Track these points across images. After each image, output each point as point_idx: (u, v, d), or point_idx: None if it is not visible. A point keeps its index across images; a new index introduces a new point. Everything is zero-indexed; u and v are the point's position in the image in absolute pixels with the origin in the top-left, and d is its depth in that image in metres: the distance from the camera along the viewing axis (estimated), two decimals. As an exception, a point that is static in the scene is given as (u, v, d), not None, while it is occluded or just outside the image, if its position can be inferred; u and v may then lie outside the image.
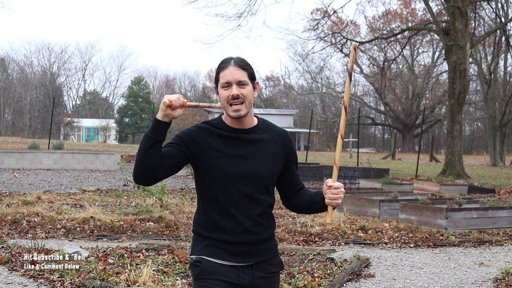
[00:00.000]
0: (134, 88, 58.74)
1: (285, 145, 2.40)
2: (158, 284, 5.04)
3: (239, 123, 2.32)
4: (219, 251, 2.29)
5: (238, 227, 2.28)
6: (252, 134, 2.33)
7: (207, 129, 2.31)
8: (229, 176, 2.26)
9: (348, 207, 10.51)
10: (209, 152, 2.27)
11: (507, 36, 26.57)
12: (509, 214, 9.21)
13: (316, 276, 5.55)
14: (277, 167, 2.36)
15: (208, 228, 2.31)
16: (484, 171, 26.60)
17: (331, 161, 28.92)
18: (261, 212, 2.32)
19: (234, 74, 2.27)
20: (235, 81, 2.27)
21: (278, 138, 2.39)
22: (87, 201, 10.44)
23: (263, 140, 2.35)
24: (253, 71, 2.34)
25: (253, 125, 2.36)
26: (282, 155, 2.38)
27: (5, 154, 18.50)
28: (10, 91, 59.71)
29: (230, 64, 2.29)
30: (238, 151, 2.29)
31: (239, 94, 2.25)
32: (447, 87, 22.80)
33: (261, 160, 2.32)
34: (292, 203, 2.50)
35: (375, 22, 51.12)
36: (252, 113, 2.34)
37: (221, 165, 2.26)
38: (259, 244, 2.33)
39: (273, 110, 57.82)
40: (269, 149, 2.34)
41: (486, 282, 5.73)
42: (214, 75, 2.36)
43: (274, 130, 2.40)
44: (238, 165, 2.27)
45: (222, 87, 2.28)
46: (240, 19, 23.56)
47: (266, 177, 2.32)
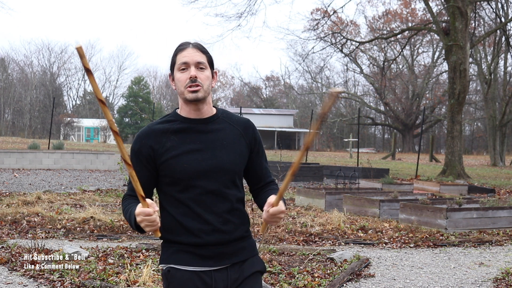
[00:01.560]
0: (134, 88, 58.74)
1: (247, 133, 2.20)
2: (158, 284, 5.04)
3: (196, 113, 2.13)
4: (188, 256, 2.10)
5: (206, 227, 2.09)
6: (210, 124, 2.15)
7: (159, 131, 2.12)
8: (190, 173, 2.07)
9: (348, 207, 10.52)
10: (165, 155, 2.09)
11: (507, 36, 26.57)
12: (509, 214, 9.20)
13: (316, 276, 5.55)
14: (241, 157, 2.16)
15: (174, 231, 2.11)
16: (484, 171, 26.61)
17: (331, 161, 28.91)
18: (230, 208, 2.13)
19: (193, 55, 2.10)
20: (193, 62, 2.09)
21: (239, 126, 2.20)
22: (87, 201, 10.45)
23: (222, 129, 2.16)
24: (212, 58, 2.17)
25: (211, 115, 2.17)
26: (246, 144, 2.19)
27: (5, 154, 18.50)
28: (10, 91, 59.70)
29: (189, 46, 2.13)
30: (196, 144, 2.11)
31: (197, 76, 2.08)
32: (447, 87, 22.80)
33: (223, 151, 2.12)
34: (256, 200, 2.32)
35: (375, 22, 51.16)
36: (210, 102, 2.17)
37: (178, 163, 2.07)
38: (231, 244, 2.13)
39: (273, 110, 57.86)
40: (230, 139, 2.15)
41: (486, 282, 5.73)
42: (170, 61, 2.17)
43: (235, 119, 2.21)
44: (198, 160, 2.09)
45: (179, 70, 2.10)
46: (240, 19, 23.59)
47: (231, 169, 2.12)
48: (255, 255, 2.24)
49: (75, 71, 68.94)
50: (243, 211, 2.21)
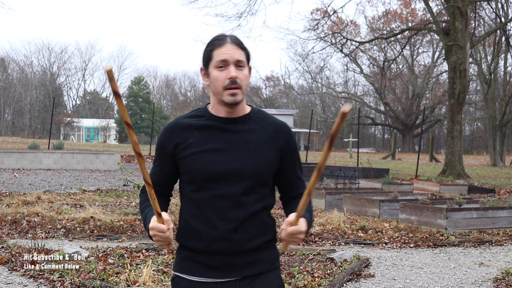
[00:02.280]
0: (134, 88, 58.74)
1: (279, 139, 2.00)
2: (158, 284, 5.04)
3: (228, 112, 1.97)
4: (194, 265, 1.96)
5: (214, 233, 1.93)
6: (238, 124, 1.97)
7: (184, 125, 1.99)
8: (206, 174, 1.93)
9: (348, 207, 10.51)
10: (185, 150, 1.96)
11: (507, 36, 26.57)
12: (509, 214, 9.20)
13: (316, 276, 5.54)
14: (267, 164, 1.97)
15: (185, 235, 2.00)
16: (484, 171, 26.61)
17: (331, 161, 28.92)
18: (247, 216, 1.94)
19: (232, 53, 1.91)
20: (233, 61, 1.91)
21: (271, 130, 2.00)
22: (87, 201, 10.44)
23: (251, 131, 1.97)
24: (250, 52, 1.99)
25: (244, 114, 2.00)
26: (275, 150, 1.99)
27: (5, 154, 18.49)
28: (10, 91, 59.70)
29: (227, 41, 1.94)
30: (219, 144, 1.94)
31: (237, 77, 1.91)
32: (447, 87, 22.80)
33: (246, 154, 1.94)
34: (285, 211, 2.15)
35: (375, 22, 51.16)
36: (244, 101, 2.00)
37: (196, 162, 1.94)
38: (243, 255, 1.95)
39: (273, 110, 57.83)
40: (257, 142, 1.96)
41: (486, 282, 5.73)
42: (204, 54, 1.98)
43: (269, 122, 2.02)
44: (218, 161, 1.93)
45: (217, 67, 1.92)
46: (240, 19, 23.59)
47: (252, 174, 1.94)
48: (273, 269, 2.03)
49: (75, 71, 69.04)
50: (264, 221, 2.00)
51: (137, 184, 9.63)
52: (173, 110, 67.09)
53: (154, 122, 25.13)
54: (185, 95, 75.08)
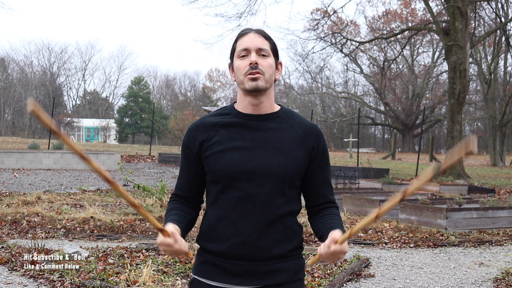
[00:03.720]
0: (134, 88, 58.72)
1: (309, 139, 1.91)
2: (158, 284, 5.04)
3: (253, 107, 1.89)
4: (214, 269, 1.88)
5: (237, 236, 1.84)
6: (266, 122, 1.89)
7: (209, 124, 1.92)
8: (231, 172, 1.84)
9: (348, 207, 10.51)
10: (210, 149, 1.88)
11: (507, 36, 26.57)
12: (509, 214, 9.20)
13: (316, 276, 5.55)
14: (296, 164, 1.87)
15: (207, 236, 1.92)
16: (484, 171, 26.61)
17: (331, 161, 28.87)
18: (273, 220, 1.84)
19: (254, 40, 1.87)
20: (255, 48, 1.87)
21: (300, 130, 1.91)
22: (87, 201, 10.45)
23: (280, 129, 1.89)
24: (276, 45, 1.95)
25: (271, 112, 1.92)
26: (305, 151, 1.89)
27: (5, 154, 18.50)
28: (10, 91, 59.71)
29: (251, 32, 1.91)
30: (245, 142, 1.86)
31: (258, 63, 1.85)
32: (447, 87, 22.79)
33: (274, 154, 1.85)
34: (311, 221, 2.02)
35: (375, 22, 51.14)
36: (272, 97, 1.92)
37: (221, 160, 1.86)
38: (265, 262, 1.85)
39: (273, 110, 57.79)
40: (286, 142, 1.87)
41: (486, 282, 5.73)
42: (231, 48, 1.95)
43: (299, 121, 1.93)
44: (243, 159, 1.84)
45: (239, 57, 1.88)
46: (240, 19, 23.57)
47: (280, 174, 1.84)
48: (297, 280, 1.92)
49: (75, 71, 69.04)
50: (291, 227, 1.91)
51: (137, 184, 9.63)
52: (173, 110, 67.10)
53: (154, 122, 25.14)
54: (185, 95, 75.08)
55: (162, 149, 31.24)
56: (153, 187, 9.75)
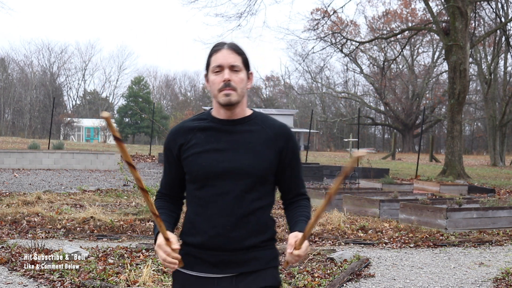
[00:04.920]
0: (134, 88, 58.72)
1: (279, 140, 2.09)
2: (158, 284, 5.04)
3: (228, 114, 2.09)
4: (194, 260, 2.06)
5: (213, 230, 2.03)
6: (239, 125, 2.09)
7: (187, 128, 2.12)
8: (206, 172, 2.03)
9: (348, 207, 10.51)
10: (188, 151, 2.08)
11: (507, 36, 26.57)
12: (509, 214, 9.20)
13: (316, 276, 5.55)
14: (266, 163, 2.06)
15: (187, 231, 2.11)
16: (484, 171, 26.60)
17: (331, 161, 28.92)
18: (246, 214, 2.03)
19: (227, 57, 2.05)
20: (227, 65, 2.05)
21: (271, 131, 2.10)
22: (87, 201, 10.44)
23: (251, 132, 2.08)
24: (248, 58, 2.12)
25: (244, 116, 2.11)
26: (274, 151, 2.08)
27: (5, 154, 18.50)
28: (10, 91, 59.70)
29: (224, 48, 2.08)
30: (220, 144, 2.06)
31: (231, 80, 2.04)
32: (447, 87, 22.80)
33: (246, 153, 2.04)
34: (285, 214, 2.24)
35: (375, 22, 51.17)
36: (244, 104, 2.12)
37: (197, 161, 2.05)
38: (240, 252, 2.03)
39: (273, 110, 57.79)
40: (254, 142, 2.07)
41: (486, 282, 5.73)
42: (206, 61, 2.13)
43: (269, 123, 2.12)
44: (218, 160, 2.04)
45: (213, 72, 2.07)
46: (240, 19, 23.58)
47: (252, 172, 2.03)
48: (270, 267, 2.10)
49: (75, 71, 69.04)
50: (264, 220, 2.09)
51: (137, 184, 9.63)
52: (173, 110, 67.10)
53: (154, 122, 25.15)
54: (185, 95, 75.07)
55: (162, 149, 31.21)
56: (153, 187, 9.74)
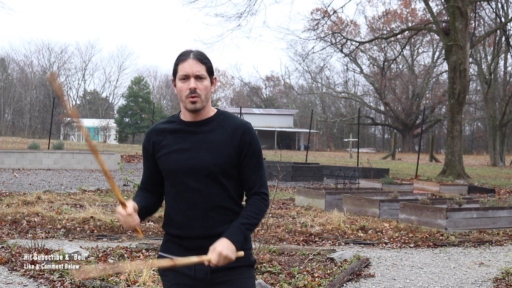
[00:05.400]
0: (134, 88, 58.72)
1: (236, 136, 2.29)
2: (158, 284, 5.04)
3: (193, 117, 2.32)
4: (173, 246, 2.36)
5: (187, 222, 2.30)
6: (202, 126, 2.32)
7: (159, 129, 2.38)
8: (175, 170, 2.29)
9: (348, 207, 10.51)
10: (160, 151, 2.34)
11: (507, 36, 26.58)
12: (509, 214, 9.20)
13: (316, 276, 5.55)
14: (225, 158, 2.27)
15: (166, 222, 2.39)
16: (484, 171, 26.60)
17: (331, 161, 28.91)
18: (214, 206, 2.28)
19: (192, 67, 2.26)
20: (193, 74, 2.27)
21: (230, 129, 2.31)
22: (87, 201, 10.44)
23: (212, 131, 2.31)
24: (212, 65, 2.33)
25: (207, 117, 2.34)
26: (233, 147, 2.28)
27: (5, 154, 18.50)
28: (10, 91, 59.70)
29: (189, 57, 2.28)
30: (186, 144, 2.30)
31: (196, 88, 2.26)
32: (447, 87, 22.79)
33: (206, 151, 2.28)
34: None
35: (375, 22, 51.15)
36: (208, 106, 2.34)
37: (168, 160, 2.30)
38: (212, 238, 2.26)
39: (273, 110, 57.85)
40: (215, 140, 2.29)
41: (486, 282, 5.73)
42: (173, 67, 2.34)
43: (229, 122, 2.33)
44: (183, 158, 2.28)
45: (180, 80, 2.29)
46: (240, 19, 23.58)
47: (212, 168, 2.26)
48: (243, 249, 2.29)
49: (75, 71, 69.04)
50: (230, 209, 2.32)
51: (137, 184, 9.63)
52: (173, 110, 67.06)
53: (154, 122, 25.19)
54: (185, 95, 75.06)
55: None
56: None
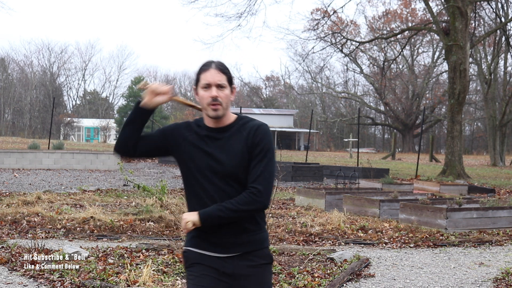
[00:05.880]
0: (134, 88, 58.69)
1: (249, 137, 2.45)
2: (158, 284, 5.05)
3: (215, 123, 2.48)
4: (202, 242, 2.46)
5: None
6: (223, 133, 2.48)
7: (187, 124, 2.54)
8: (200, 168, 2.44)
9: (348, 207, 10.51)
10: (184, 144, 2.48)
11: (507, 36, 26.58)
12: (509, 214, 9.20)
13: (316, 276, 5.55)
14: (241, 160, 2.42)
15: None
16: (484, 171, 26.60)
17: (331, 161, 28.91)
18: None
19: (214, 76, 2.42)
20: (215, 83, 2.42)
21: (246, 132, 2.46)
22: (87, 201, 10.44)
23: (230, 137, 2.47)
24: (231, 75, 2.50)
25: (228, 124, 2.49)
26: (246, 148, 2.44)
27: (5, 154, 18.50)
28: (10, 91, 59.69)
29: (211, 67, 2.45)
30: (208, 147, 2.46)
31: (218, 96, 2.42)
32: (447, 87, 22.79)
33: (226, 154, 2.43)
34: None
35: (375, 22, 51.16)
36: (228, 113, 2.49)
37: (193, 157, 2.46)
38: (237, 235, 2.42)
39: (273, 110, 57.81)
40: (233, 144, 2.45)
41: (486, 282, 5.73)
42: (195, 76, 2.52)
43: (247, 126, 2.48)
44: (206, 159, 2.44)
45: (202, 88, 2.45)
46: (240, 19, 23.56)
47: (230, 170, 2.42)
48: (264, 248, 2.49)
49: (75, 71, 69.03)
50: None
51: (137, 184, 9.62)
52: (173, 110, 67.09)
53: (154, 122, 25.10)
54: (185, 95, 75.06)
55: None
56: (153, 187, 9.74)
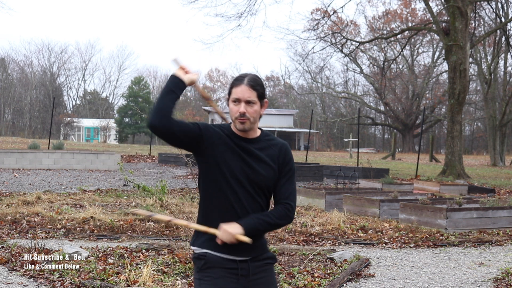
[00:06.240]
0: (134, 88, 58.71)
1: (281, 155, 2.60)
2: (158, 284, 5.05)
3: (243, 133, 2.58)
4: (218, 244, 2.48)
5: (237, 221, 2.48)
6: (253, 144, 2.58)
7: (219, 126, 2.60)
8: (227, 177, 2.49)
9: (348, 207, 10.51)
10: (220, 144, 2.52)
11: (507, 36, 26.58)
12: (509, 214, 9.21)
13: (316, 276, 5.55)
14: (273, 174, 2.56)
15: (212, 220, 2.51)
16: (484, 171, 26.60)
17: (331, 161, 28.91)
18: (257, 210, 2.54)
19: (244, 93, 2.50)
20: (244, 99, 2.50)
21: (276, 149, 2.61)
22: (87, 201, 10.44)
23: (261, 149, 2.58)
24: (264, 91, 2.57)
25: (255, 136, 2.60)
26: (278, 164, 2.58)
27: (5, 154, 18.49)
28: (10, 91, 59.70)
29: (243, 83, 2.52)
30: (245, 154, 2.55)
31: (246, 112, 2.50)
32: (447, 87, 22.79)
33: (260, 165, 2.54)
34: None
35: (375, 22, 51.16)
36: (256, 127, 2.60)
37: (220, 166, 2.50)
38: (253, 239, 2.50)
39: (273, 110, 57.78)
40: (265, 157, 2.57)
41: (486, 282, 5.73)
42: (228, 87, 2.61)
43: (274, 142, 2.63)
44: (242, 164, 2.52)
45: (232, 102, 2.54)
46: (240, 19, 23.55)
47: (264, 181, 2.54)
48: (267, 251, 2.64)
49: (75, 71, 69.04)
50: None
51: (137, 184, 9.63)
52: (173, 110, 67.03)
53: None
54: (185, 95, 75.05)
55: (162, 149, 31.24)
56: (153, 187, 9.75)
